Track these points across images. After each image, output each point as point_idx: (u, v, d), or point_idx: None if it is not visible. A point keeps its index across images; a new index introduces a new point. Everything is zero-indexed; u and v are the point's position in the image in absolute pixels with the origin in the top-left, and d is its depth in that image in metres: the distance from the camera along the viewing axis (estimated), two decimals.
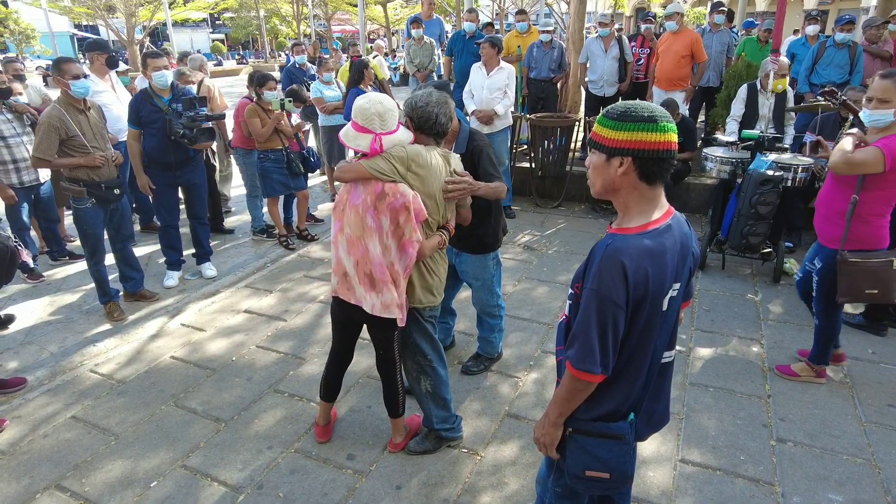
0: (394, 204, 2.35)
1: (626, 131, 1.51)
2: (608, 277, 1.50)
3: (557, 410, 1.70)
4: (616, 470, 1.70)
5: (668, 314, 1.63)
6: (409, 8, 33.96)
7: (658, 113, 1.51)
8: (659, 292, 1.55)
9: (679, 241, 1.59)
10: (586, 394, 1.64)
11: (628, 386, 1.66)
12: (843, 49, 6.56)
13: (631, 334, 1.58)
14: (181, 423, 3.22)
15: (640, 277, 1.49)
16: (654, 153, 1.50)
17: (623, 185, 1.56)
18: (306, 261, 5.47)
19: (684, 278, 1.64)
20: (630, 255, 1.49)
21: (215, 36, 50.63)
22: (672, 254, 1.55)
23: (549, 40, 7.25)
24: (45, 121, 3.80)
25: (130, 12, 25.25)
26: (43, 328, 4.28)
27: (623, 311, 1.52)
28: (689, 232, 1.65)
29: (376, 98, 2.36)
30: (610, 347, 1.55)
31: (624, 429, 1.68)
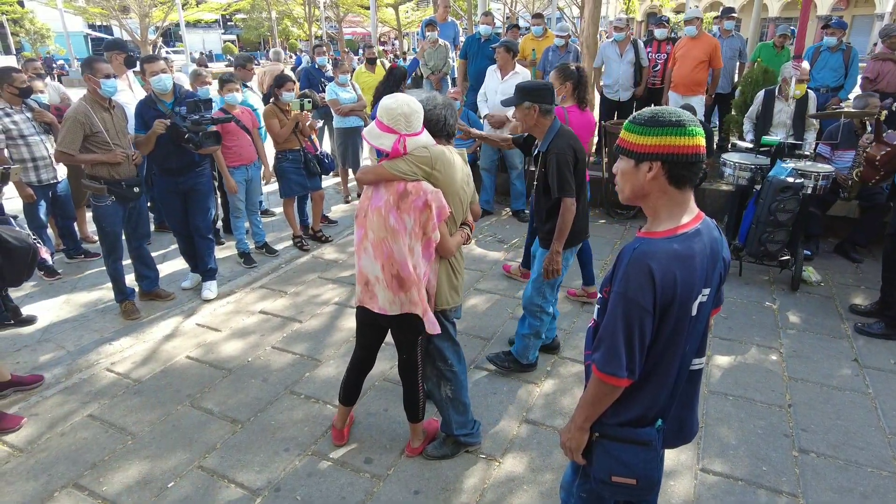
0: (416, 202, 2.35)
1: (654, 136, 1.51)
2: (635, 281, 1.49)
3: (584, 414, 1.68)
4: (643, 476, 1.68)
5: (698, 320, 1.60)
6: (420, 10, 34.03)
7: (686, 118, 1.51)
8: (688, 297, 1.53)
9: (709, 245, 1.57)
10: (612, 398, 1.62)
11: (656, 391, 1.64)
12: (837, 53, 6.53)
13: (659, 339, 1.57)
14: (197, 424, 3.22)
15: (668, 282, 1.48)
16: (684, 157, 1.50)
17: (652, 190, 1.56)
18: (321, 262, 5.46)
19: (714, 284, 1.62)
20: (658, 259, 1.48)
21: (227, 37, 50.96)
22: (701, 258, 1.54)
23: (564, 44, 7.22)
24: (71, 115, 3.85)
25: (144, 13, 25.40)
26: (59, 326, 4.30)
27: (650, 315, 1.51)
28: (719, 237, 1.64)
29: (404, 99, 2.35)
30: (636, 352, 1.53)
31: (651, 435, 1.66)
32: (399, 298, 2.47)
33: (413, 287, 2.45)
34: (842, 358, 3.81)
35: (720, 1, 35.17)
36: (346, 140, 6.74)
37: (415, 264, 2.42)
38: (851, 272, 5.08)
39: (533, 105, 3.15)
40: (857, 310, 4.36)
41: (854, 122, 4.98)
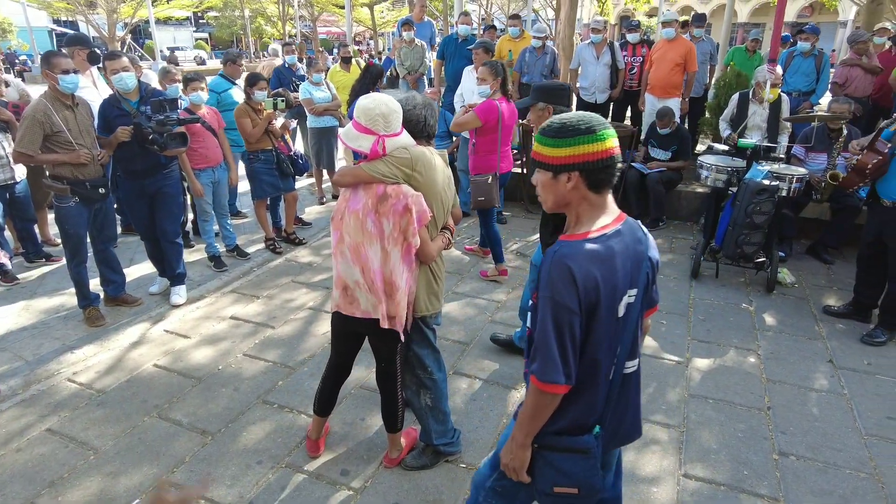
0: (396, 206, 2.26)
1: (567, 147, 1.52)
2: (558, 283, 1.48)
3: (525, 430, 1.63)
4: (584, 484, 1.66)
5: (627, 321, 1.60)
6: (395, 10, 33.89)
7: (594, 122, 1.52)
8: (612, 297, 1.53)
9: (632, 246, 1.58)
10: (552, 408, 1.59)
11: (591, 397, 1.63)
12: (809, 58, 6.65)
13: (589, 342, 1.56)
14: (165, 436, 3.07)
15: (589, 282, 1.48)
16: (599, 163, 1.52)
17: (574, 198, 1.58)
18: (294, 265, 5.32)
19: (641, 284, 1.61)
20: (577, 260, 1.49)
21: (199, 35, 50.00)
22: (623, 258, 1.54)
23: (541, 46, 7.20)
24: (29, 114, 3.64)
25: (112, 8, 24.72)
26: (17, 334, 4.09)
27: (577, 315, 1.49)
28: (643, 237, 1.64)
29: (382, 99, 2.26)
30: (570, 355, 1.52)
31: (590, 442, 1.65)
32: (382, 305, 2.38)
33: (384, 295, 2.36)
34: (817, 359, 3.84)
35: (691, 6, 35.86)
36: (321, 140, 6.61)
37: (391, 270, 2.33)
38: (823, 273, 5.15)
39: (548, 106, 3.08)
40: (830, 311, 4.40)
41: (827, 126, 5.05)
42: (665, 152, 6.15)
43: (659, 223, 6.19)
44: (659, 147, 6.19)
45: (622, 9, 33.33)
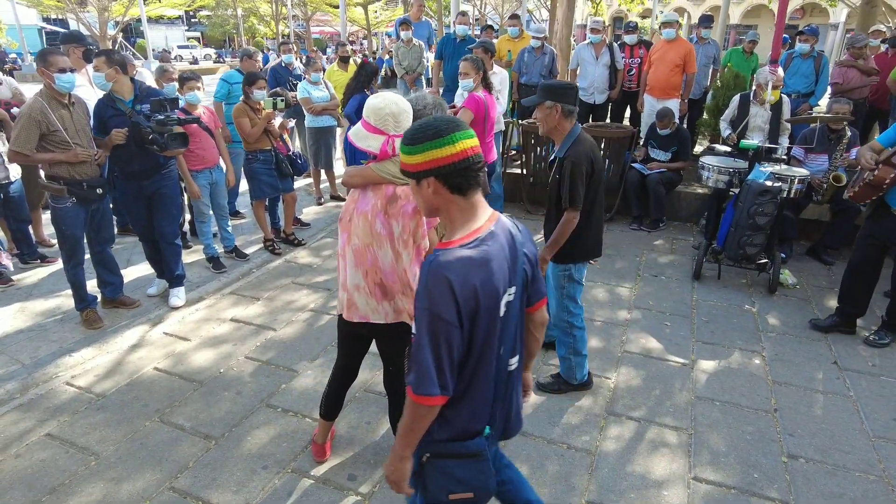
0: (406, 208, 2.23)
1: (420, 153, 1.52)
2: (436, 294, 1.46)
3: (404, 442, 1.61)
4: (478, 488, 1.67)
5: (508, 319, 1.61)
6: (389, 10, 33.83)
7: (443, 126, 1.51)
8: (492, 300, 1.53)
9: (506, 244, 1.59)
10: (430, 419, 1.56)
11: (479, 400, 1.63)
12: (808, 60, 6.67)
13: (473, 347, 1.55)
14: (168, 441, 3.02)
15: (468, 291, 1.47)
16: (453, 166, 1.51)
17: (440, 203, 1.57)
18: (294, 267, 5.27)
19: (520, 280, 1.63)
20: (455, 270, 1.46)
21: (191, 34, 49.67)
22: (499, 259, 1.55)
23: (540, 46, 7.18)
24: (25, 112, 3.57)
25: (103, 6, 24.49)
26: (13, 337, 4.01)
27: (455, 327, 1.48)
28: (517, 233, 1.65)
29: (392, 98, 2.23)
30: (446, 366, 1.50)
31: (481, 445, 1.66)
32: (383, 307, 2.34)
33: (398, 294, 2.32)
34: (822, 361, 3.83)
35: (684, 6, 36.02)
36: (319, 140, 6.55)
37: (404, 268, 2.30)
38: (824, 275, 5.16)
39: (556, 104, 2.96)
40: (817, 325, 4.18)
41: (827, 127, 5.06)
42: (665, 153, 6.15)
43: (659, 224, 6.19)
44: (659, 148, 6.19)
45: (615, 10, 33.47)
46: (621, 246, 5.73)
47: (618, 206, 6.37)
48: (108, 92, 4.06)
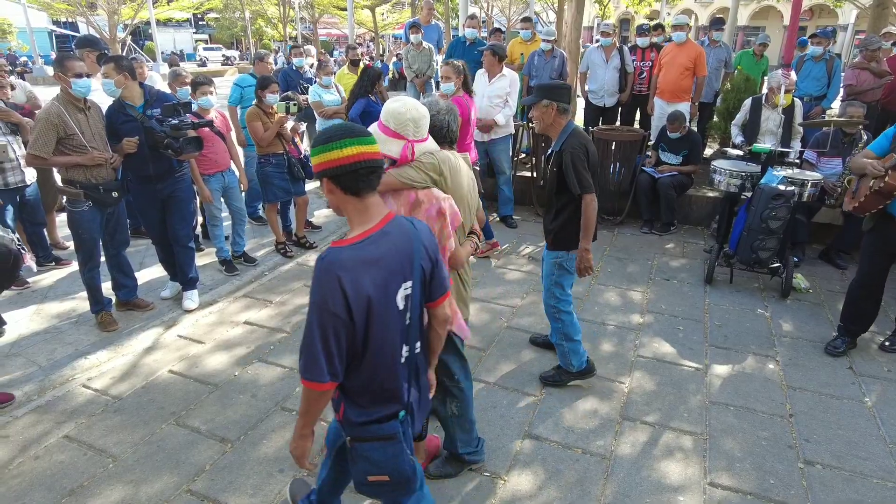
0: (430, 211, 2.23)
1: (317, 155, 1.67)
2: (326, 290, 1.59)
3: (301, 422, 1.79)
4: (393, 471, 1.79)
5: (408, 310, 1.76)
6: (397, 13, 33.89)
7: (335, 133, 1.66)
8: (385, 297, 1.67)
9: (400, 243, 1.72)
10: (323, 402, 1.72)
11: (387, 386, 1.76)
12: (820, 62, 6.64)
13: (371, 338, 1.68)
14: (184, 444, 3.04)
15: (359, 289, 1.61)
16: (342, 169, 1.65)
17: (339, 202, 1.72)
18: (306, 269, 5.30)
19: (417, 275, 1.76)
20: (346, 269, 1.60)
21: (199, 36, 49.96)
22: (390, 256, 1.69)
23: (550, 49, 7.19)
24: (43, 117, 3.61)
25: (113, 10, 24.67)
26: (30, 339, 4.05)
27: (343, 321, 1.61)
28: (414, 231, 1.78)
29: (411, 103, 2.24)
30: (335, 356, 1.64)
31: (395, 428, 1.78)
32: None
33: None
34: (837, 366, 3.81)
35: (691, 8, 35.94)
36: None
37: None
38: (837, 279, 5.13)
39: (552, 103, 3.11)
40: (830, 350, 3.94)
41: (841, 130, 5.04)
42: (676, 156, 6.14)
43: (670, 227, 6.17)
44: (670, 151, 6.18)
45: (622, 12, 33.42)
46: (632, 250, 5.72)
47: (628, 209, 6.36)
48: (118, 98, 4.06)
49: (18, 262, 3.08)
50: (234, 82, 5.98)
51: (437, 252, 1.85)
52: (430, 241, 1.83)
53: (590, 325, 4.26)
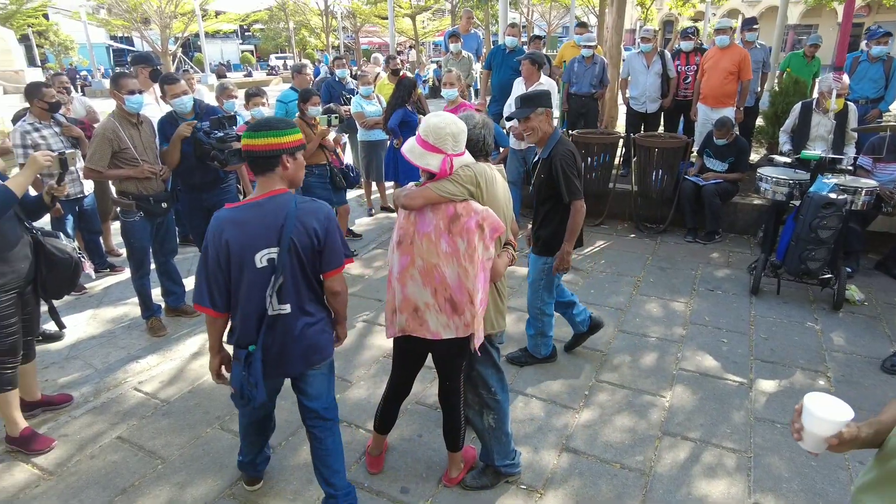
0: (468, 224, 2.26)
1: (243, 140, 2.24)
2: (208, 236, 2.18)
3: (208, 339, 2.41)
4: (237, 387, 2.29)
5: (271, 272, 2.18)
6: (437, 20, 34.15)
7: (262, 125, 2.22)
8: (243, 253, 2.16)
9: (269, 214, 2.17)
10: (214, 327, 2.32)
11: (246, 323, 2.25)
12: (877, 63, 6.35)
13: (239, 284, 2.20)
14: (228, 448, 3.14)
15: (220, 240, 2.15)
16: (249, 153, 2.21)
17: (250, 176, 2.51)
18: (346, 277, 5.36)
19: (284, 245, 2.16)
20: (219, 222, 2.17)
21: (245, 47, 51.52)
22: (256, 223, 2.16)
23: (590, 55, 7.13)
24: (100, 132, 3.84)
25: (165, 24, 25.76)
26: (87, 342, 4.26)
27: (214, 261, 2.16)
28: (293, 209, 2.18)
29: (450, 118, 2.27)
30: (214, 289, 2.20)
31: (241, 354, 2.26)
32: (454, 322, 2.37)
33: (466, 309, 2.35)
34: (893, 383, 3.64)
35: (738, 8, 34.94)
36: (370, 153, 6.69)
37: (471, 287, 2.32)
38: (895, 290, 4.90)
39: (546, 110, 3.24)
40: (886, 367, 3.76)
41: None
42: (721, 163, 5.99)
43: (715, 236, 6.02)
44: (715, 157, 6.04)
45: (665, 13, 32.77)
46: (675, 259, 5.60)
47: (672, 217, 6.23)
48: (170, 111, 4.31)
49: (79, 269, 3.24)
50: (277, 98, 6.13)
51: (328, 233, 2.23)
52: (317, 221, 2.21)
53: (631, 336, 4.20)
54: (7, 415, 3.11)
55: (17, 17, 28.19)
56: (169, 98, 4.20)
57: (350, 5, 33.39)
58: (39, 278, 3.09)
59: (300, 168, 2.31)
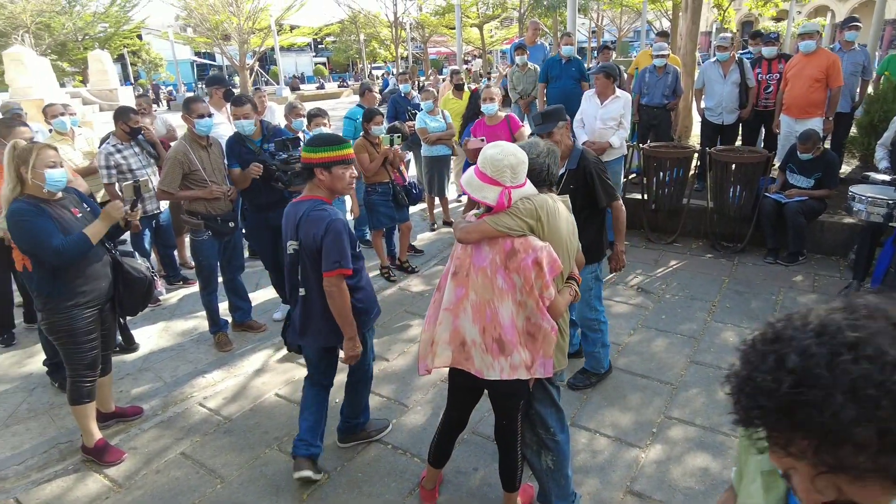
0: (525, 261, 2.15)
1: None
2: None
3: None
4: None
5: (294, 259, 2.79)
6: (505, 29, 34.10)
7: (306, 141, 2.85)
8: (284, 238, 2.82)
9: (289, 216, 2.78)
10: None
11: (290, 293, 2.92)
12: None
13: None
14: (285, 471, 3.15)
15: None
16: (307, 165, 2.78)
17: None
18: (407, 295, 5.37)
19: (302, 243, 2.70)
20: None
21: (318, 59, 53.37)
22: (289, 219, 2.78)
23: (663, 65, 6.83)
24: (171, 156, 4.03)
25: (243, 40, 27.12)
26: (158, 355, 4.43)
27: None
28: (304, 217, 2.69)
29: (510, 149, 2.17)
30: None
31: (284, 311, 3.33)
32: (499, 363, 2.27)
33: (515, 350, 2.24)
34: None
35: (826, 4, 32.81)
36: (434, 168, 6.67)
37: (525, 320, 2.21)
38: None
39: (567, 123, 3.37)
40: None
41: None
42: (807, 179, 5.56)
43: (798, 257, 5.57)
44: (799, 173, 5.61)
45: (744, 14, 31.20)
46: (754, 282, 5.23)
47: (750, 236, 5.84)
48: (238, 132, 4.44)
49: (152, 288, 3.42)
50: (345, 116, 6.21)
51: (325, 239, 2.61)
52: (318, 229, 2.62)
53: (704, 368, 3.93)
54: (84, 426, 3.26)
55: (115, 38, 30.51)
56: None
57: (419, 16, 33.90)
58: (117, 296, 3.26)
59: (337, 180, 2.71)
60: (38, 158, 2.86)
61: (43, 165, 2.87)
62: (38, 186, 2.89)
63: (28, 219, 2.83)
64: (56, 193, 2.99)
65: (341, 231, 2.63)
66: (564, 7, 21.34)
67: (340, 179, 2.71)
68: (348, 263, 2.64)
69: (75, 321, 3.02)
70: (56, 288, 2.97)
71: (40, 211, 2.88)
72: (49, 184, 2.90)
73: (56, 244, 2.83)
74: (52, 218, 2.91)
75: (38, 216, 2.85)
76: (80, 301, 3.02)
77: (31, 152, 2.87)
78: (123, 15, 30.57)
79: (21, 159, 2.85)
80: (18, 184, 2.89)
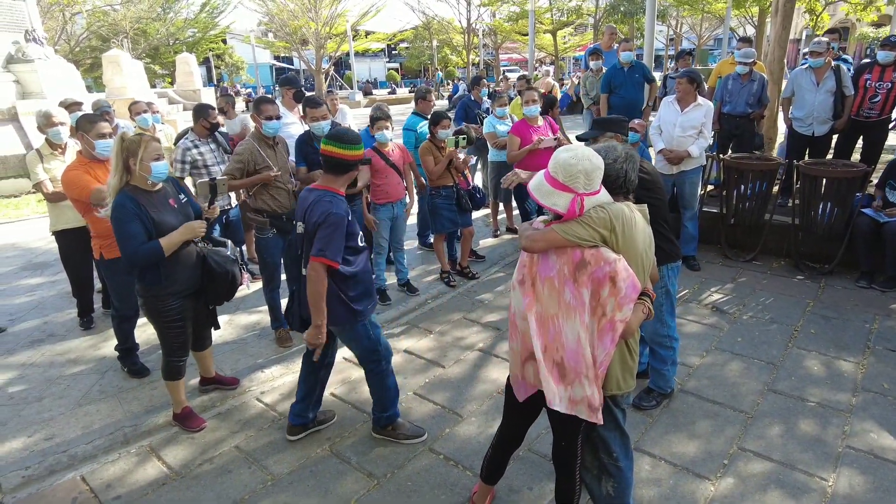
0: (596, 274, 1.99)
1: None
2: None
3: None
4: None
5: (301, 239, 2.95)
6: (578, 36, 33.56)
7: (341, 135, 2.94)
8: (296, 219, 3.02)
9: (305, 199, 2.92)
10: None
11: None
12: None
13: None
14: (334, 473, 3.11)
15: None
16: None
17: None
18: (466, 301, 5.27)
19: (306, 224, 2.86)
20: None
21: (391, 65, 54.36)
22: (301, 203, 2.95)
23: (747, 72, 6.43)
24: (238, 150, 4.16)
25: (320, 45, 27.99)
26: (220, 347, 4.51)
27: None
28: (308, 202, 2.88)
29: (584, 153, 2.02)
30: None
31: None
32: (558, 392, 2.10)
33: (577, 381, 2.08)
34: None
35: None
36: (500, 173, 6.52)
37: (591, 349, 2.04)
38: None
39: (616, 135, 3.23)
40: None
41: None
42: None
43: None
44: None
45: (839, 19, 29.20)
46: (844, 307, 4.79)
47: (841, 256, 5.38)
48: (308, 130, 4.53)
49: (236, 282, 3.49)
50: (403, 127, 6.10)
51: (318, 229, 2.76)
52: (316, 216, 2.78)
53: (784, 398, 3.61)
54: (174, 398, 3.57)
55: (202, 42, 32.30)
56: (309, 121, 4.41)
57: (492, 23, 33.87)
58: (203, 287, 3.39)
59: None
60: (146, 150, 3.02)
61: (150, 157, 3.03)
62: (143, 178, 3.05)
63: (123, 219, 2.99)
64: (157, 184, 3.15)
65: (337, 224, 2.75)
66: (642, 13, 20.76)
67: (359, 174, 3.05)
68: (334, 257, 2.77)
69: (167, 307, 3.23)
70: (156, 277, 3.15)
71: (138, 210, 3.02)
72: (154, 175, 3.06)
73: (130, 251, 2.99)
74: (149, 214, 3.04)
75: (132, 220, 3.00)
76: (173, 290, 3.21)
77: (139, 144, 3.02)
78: (211, 21, 32.32)
79: (130, 151, 3.01)
80: (126, 174, 3.05)
